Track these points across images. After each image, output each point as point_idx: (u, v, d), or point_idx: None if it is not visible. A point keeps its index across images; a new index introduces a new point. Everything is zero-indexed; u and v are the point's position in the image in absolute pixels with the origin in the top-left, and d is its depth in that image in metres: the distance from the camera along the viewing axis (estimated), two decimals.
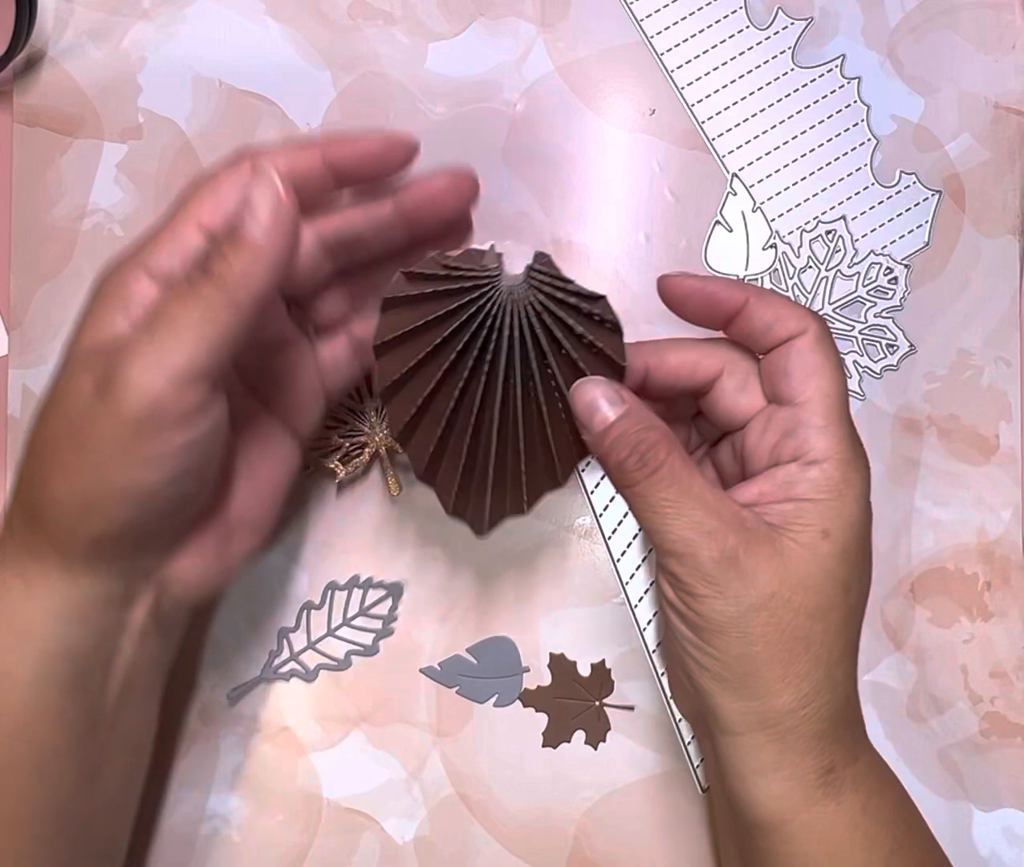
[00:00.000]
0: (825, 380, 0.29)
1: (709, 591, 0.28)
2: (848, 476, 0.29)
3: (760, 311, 0.30)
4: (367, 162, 0.31)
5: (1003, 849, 0.41)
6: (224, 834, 0.39)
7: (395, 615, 0.41)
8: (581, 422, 0.30)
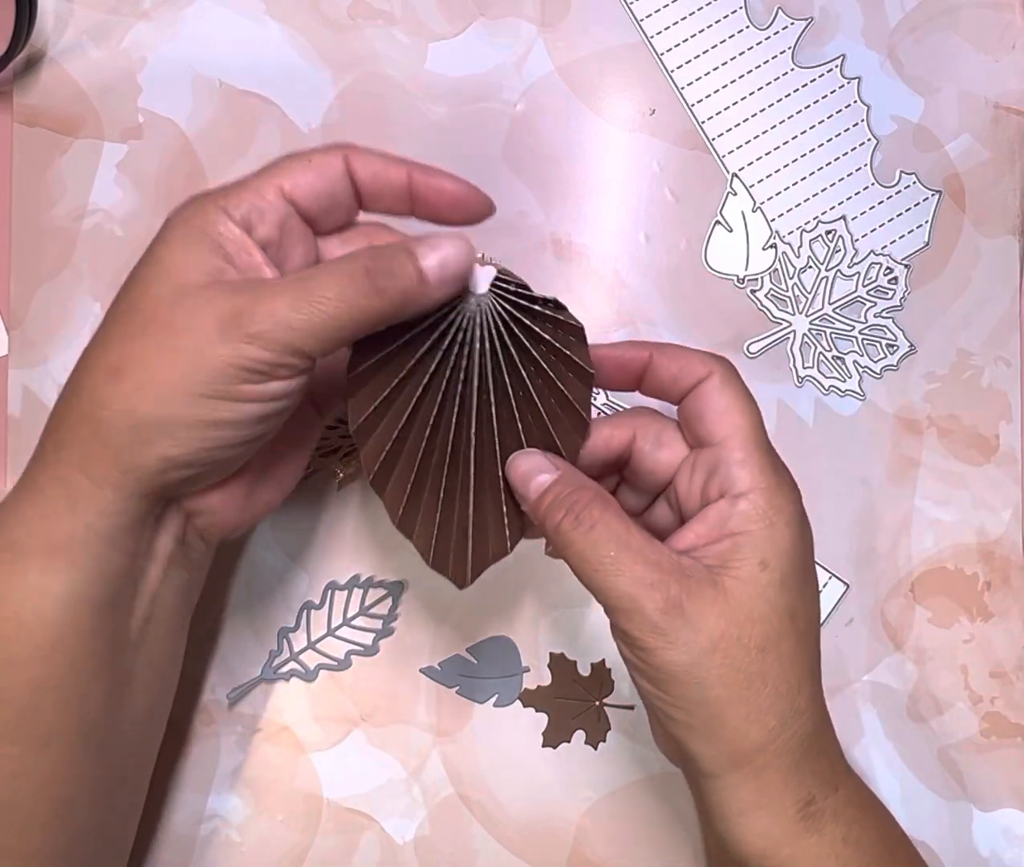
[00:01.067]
0: (737, 415, 0.30)
1: (659, 642, 0.28)
2: (775, 502, 0.29)
3: (665, 364, 0.32)
4: (446, 201, 0.32)
5: (1003, 849, 0.41)
6: (224, 834, 0.39)
7: (395, 615, 0.41)
8: (519, 493, 0.31)
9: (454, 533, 0.32)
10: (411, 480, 0.32)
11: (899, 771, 0.41)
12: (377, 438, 0.31)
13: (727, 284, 0.43)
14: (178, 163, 0.42)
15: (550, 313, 0.30)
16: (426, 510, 0.32)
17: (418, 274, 0.28)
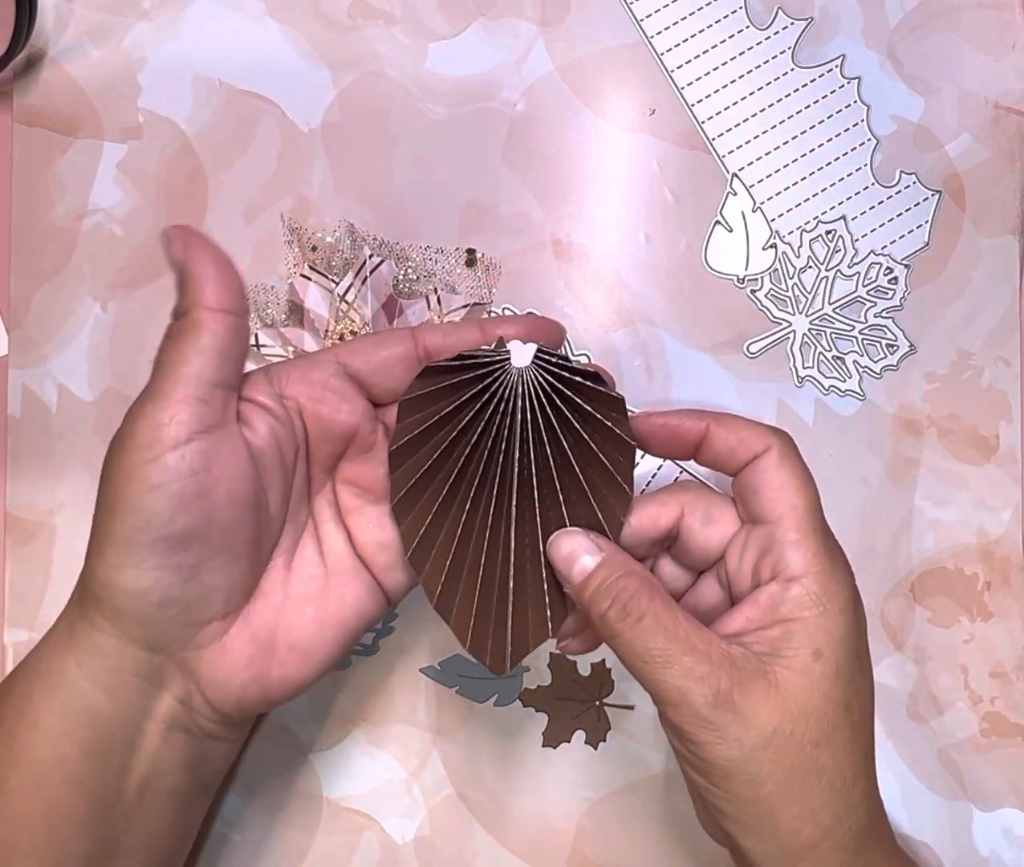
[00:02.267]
0: (793, 494, 0.29)
1: (709, 737, 0.27)
2: (829, 588, 0.28)
3: (723, 436, 0.31)
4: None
5: (1003, 849, 0.41)
6: (224, 834, 0.39)
7: (395, 615, 0.41)
8: (561, 576, 0.30)
9: (493, 617, 0.31)
10: (449, 558, 0.31)
11: (899, 771, 0.41)
12: (416, 515, 0.31)
13: (727, 284, 0.43)
14: (178, 163, 0.42)
15: (590, 385, 0.30)
16: (464, 592, 0.31)
17: None
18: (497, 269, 0.42)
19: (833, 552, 0.29)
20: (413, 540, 0.31)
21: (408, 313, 0.40)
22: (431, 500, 0.31)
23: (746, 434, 0.30)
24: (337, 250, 0.42)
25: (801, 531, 0.29)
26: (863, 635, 0.29)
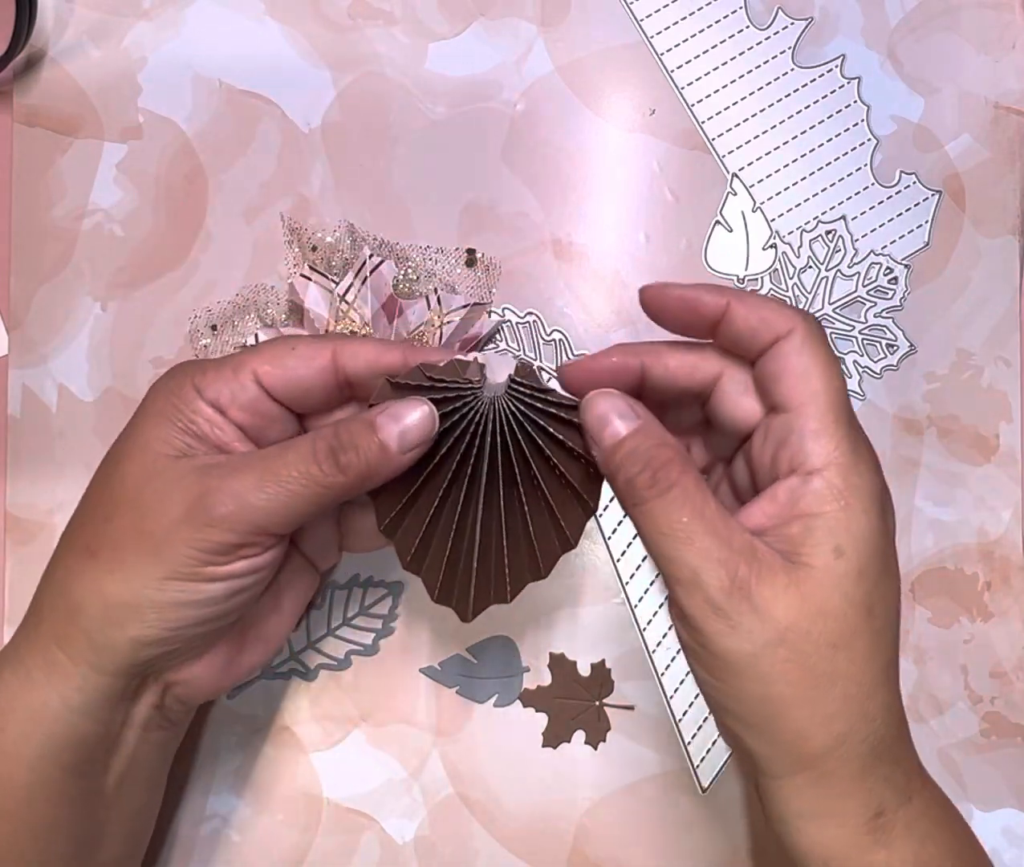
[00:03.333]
0: (816, 380, 0.27)
1: (720, 626, 0.25)
2: (852, 481, 0.26)
3: (743, 314, 0.28)
4: None
5: (1003, 849, 0.41)
6: (224, 834, 0.39)
7: (395, 614, 0.41)
8: (591, 435, 0.28)
9: (458, 578, 0.32)
10: (420, 533, 0.32)
11: None
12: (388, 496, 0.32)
13: (727, 284, 0.43)
14: (178, 163, 0.42)
15: (564, 417, 0.29)
16: (434, 555, 0.32)
17: (380, 447, 0.28)
18: (497, 269, 0.42)
19: (858, 443, 0.27)
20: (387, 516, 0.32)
21: (408, 313, 0.40)
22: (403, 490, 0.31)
23: (768, 314, 0.28)
24: (337, 250, 0.42)
25: (823, 421, 0.27)
26: (890, 535, 0.27)
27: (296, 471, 0.28)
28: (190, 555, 0.28)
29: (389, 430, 0.28)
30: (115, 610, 0.28)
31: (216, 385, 0.30)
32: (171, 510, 0.28)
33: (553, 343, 0.42)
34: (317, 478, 0.28)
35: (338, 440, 0.29)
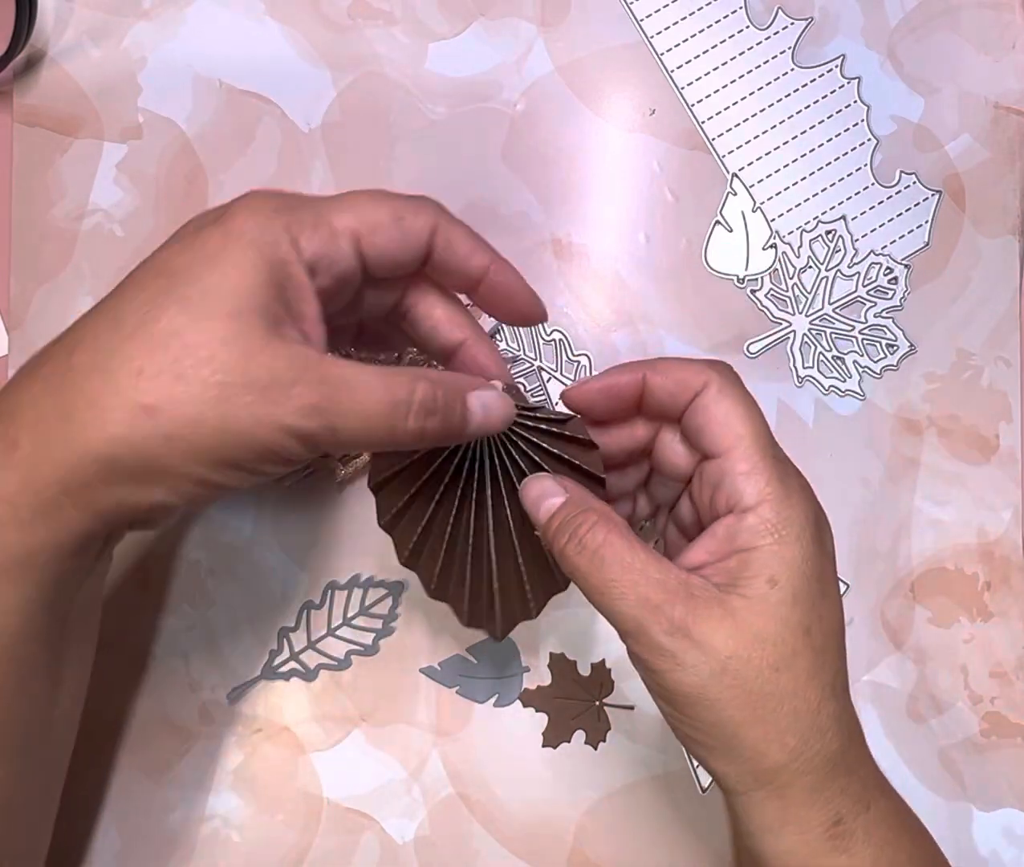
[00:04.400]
0: (738, 424, 0.29)
1: (667, 664, 0.27)
2: (783, 514, 0.28)
3: (659, 383, 0.31)
4: (514, 305, 0.32)
5: (1003, 849, 0.41)
6: (224, 834, 0.39)
7: (395, 615, 0.41)
8: (532, 518, 0.31)
9: (483, 602, 0.33)
10: (440, 560, 0.33)
11: (899, 771, 0.41)
12: (404, 529, 0.34)
13: (727, 284, 0.43)
14: (178, 163, 0.42)
15: (556, 430, 0.31)
16: (456, 583, 0.33)
17: (462, 416, 0.29)
18: None
19: (787, 476, 0.29)
20: (406, 550, 0.34)
21: None
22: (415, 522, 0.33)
23: (683, 374, 0.30)
24: None
25: (750, 460, 0.29)
26: (825, 559, 0.29)
27: (383, 407, 0.27)
28: (265, 453, 0.26)
29: (475, 408, 0.29)
30: (154, 475, 0.26)
31: (316, 244, 0.27)
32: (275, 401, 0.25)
33: (553, 343, 0.42)
34: (397, 425, 0.27)
35: (434, 401, 0.28)
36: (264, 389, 0.25)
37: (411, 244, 0.29)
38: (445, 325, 0.32)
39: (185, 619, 0.40)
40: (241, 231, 0.27)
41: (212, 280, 0.26)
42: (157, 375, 0.25)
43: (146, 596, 0.40)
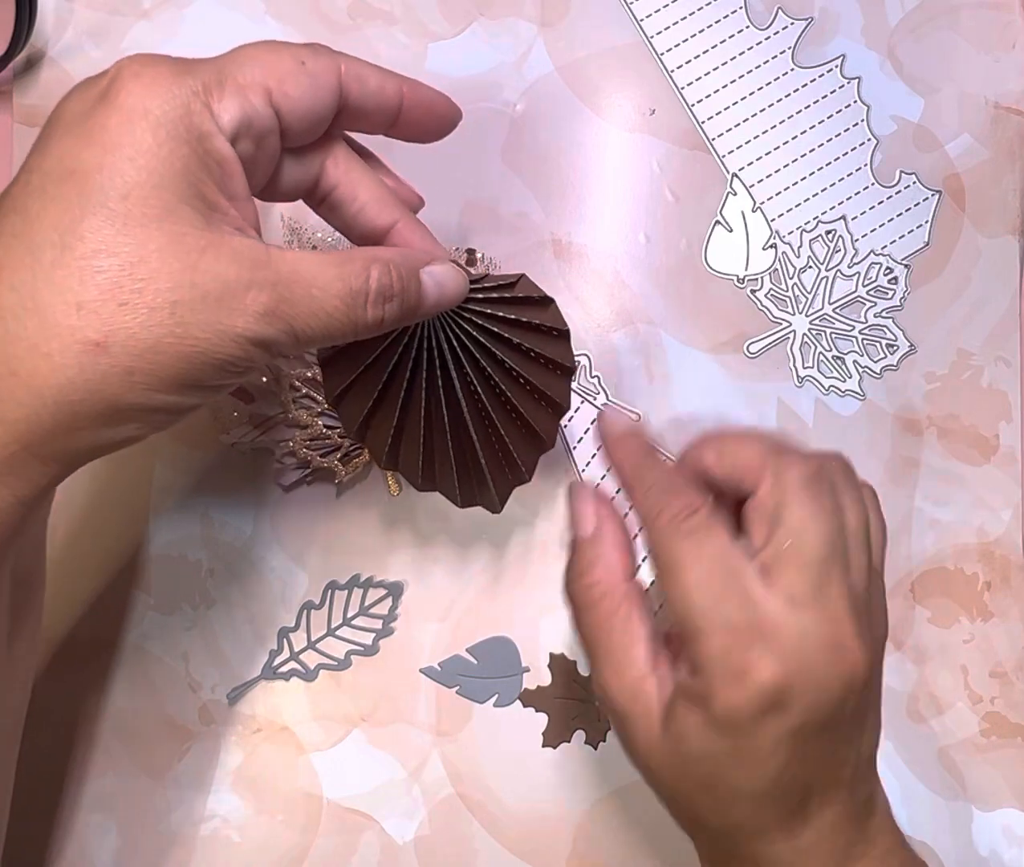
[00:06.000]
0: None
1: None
2: None
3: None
4: (433, 116, 0.31)
5: (1003, 849, 0.41)
6: (224, 834, 0.39)
7: (395, 615, 0.41)
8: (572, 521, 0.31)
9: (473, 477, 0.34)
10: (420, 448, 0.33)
11: (899, 771, 0.41)
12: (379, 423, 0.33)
13: (727, 284, 0.43)
14: None
15: (509, 295, 0.31)
16: (442, 466, 0.34)
17: (418, 294, 0.28)
18: (497, 269, 0.42)
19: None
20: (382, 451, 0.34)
21: None
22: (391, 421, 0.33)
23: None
24: (337, 250, 0.42)
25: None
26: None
27: (341, 302, 0.25)
28: (227, 361, 0.24)
29: (428, 280, 0.28)
30: (120, 413, 0.24)
31: (231, 108, 0.25)
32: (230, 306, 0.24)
33: None
34: (358, 318, 0.26)
35: (391, 285, 0.26)
36: (217, 301, 0.23)
37: (322, 89, 0.27)
38: (373, 207, 0.30)
39: (185, 619, 0.40)
40: (144, 108, 0.23)
41: (128, 177, 0.23)
42: (98, 306, 0.23)
43: (146, 596, 0.40)
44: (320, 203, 0.30)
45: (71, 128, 0.24)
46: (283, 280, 0.24)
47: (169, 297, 0.23)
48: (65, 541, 0.40)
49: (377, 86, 0.28)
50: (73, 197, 0.23)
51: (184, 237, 0.23)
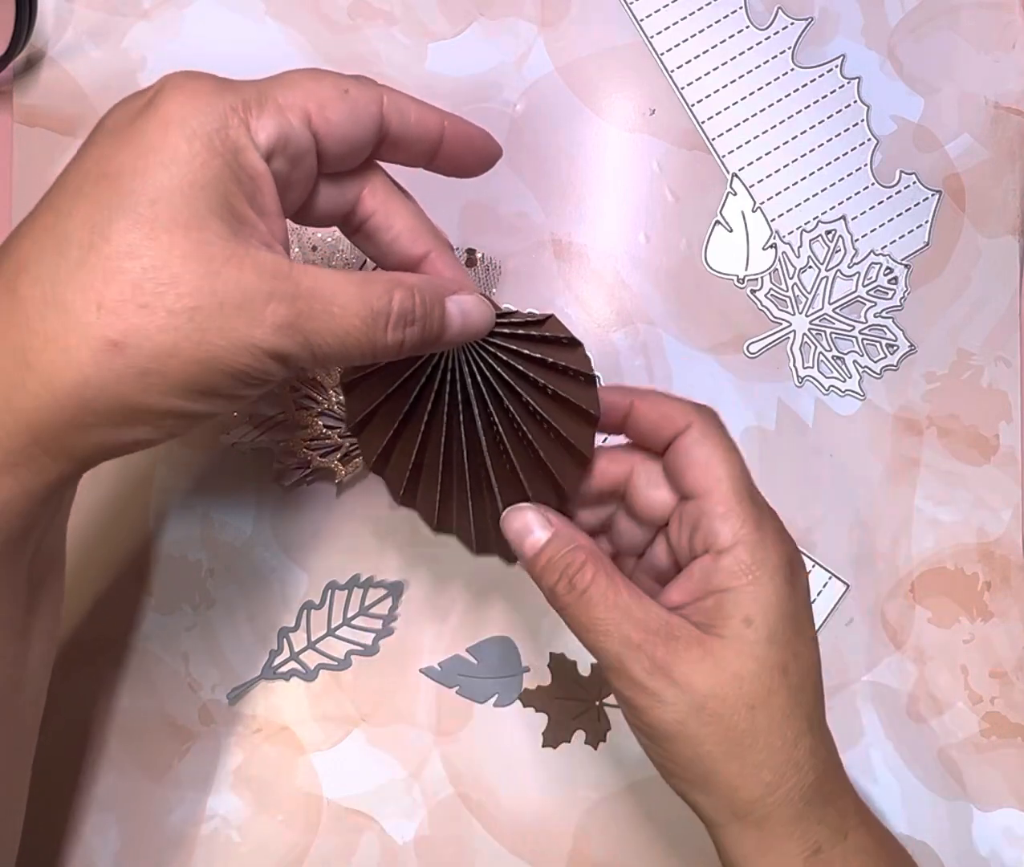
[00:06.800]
0: (717, 467, 0.30)
1: (648, 702, 0.28)
2: (758, 555, 0.29)
3: (644, 412, 0.31)
4: (473, 152, 0.31)
5: (1003, 849, 0.41)
6: (224, 834, 0.39)
7: (395, 615, 0.41)
8: (514, 549, 0.31)
9: (490, 525, 0.33)
10: (439, 490, 0.33)
11: (899, 771, 0.41)
12: (397, 458, 0.33)
13: (727, 284, 0.43)
14: None
15: (536, 332, 0.30)
16: (460, 509, 0.33)
17: (441, 327, 0.28)
18: (497, 269, 0.42)
19: (763, 519, 0.30)
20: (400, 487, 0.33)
21: None
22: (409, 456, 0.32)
23: (668, 410, 0.31)
24: (337, 250, 0.42)
25: (727, 503, 0.29)
26: (800, 599, 0.30)
27: (361, 321, 0.25)
28: (244, 371, 0.24)
29: (453, 308, 0.28)
30: (133, 414, 0.24)
31: (268, 126, 0.25)
32: (250, 316, 0.24)
33: None
34: (377, 339, 0.26)
35: (413, 309, 0.27)
36: (236, 309, 0.24)
37: (362, 118, 0.27)
38: (407, 236, 0.30)
39: (185, 619, 0.40)
40: (182, 118, 0.24)
41: (159, 182, 0.23)
42: (119, 306, 0.23)
43: (146, 596, 0.40)
44: (356, 231, 0.31)
45: (112, 133, 0.25)
46: (303, 295, 0.25)
47: (189, 303, 0.23)
48: (67, 541, 0.40)
49: (417, 119, 0.29)
50: (104, 198, 0.23)
51: (209, 246, 0.24)
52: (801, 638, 0.29)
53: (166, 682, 0.40)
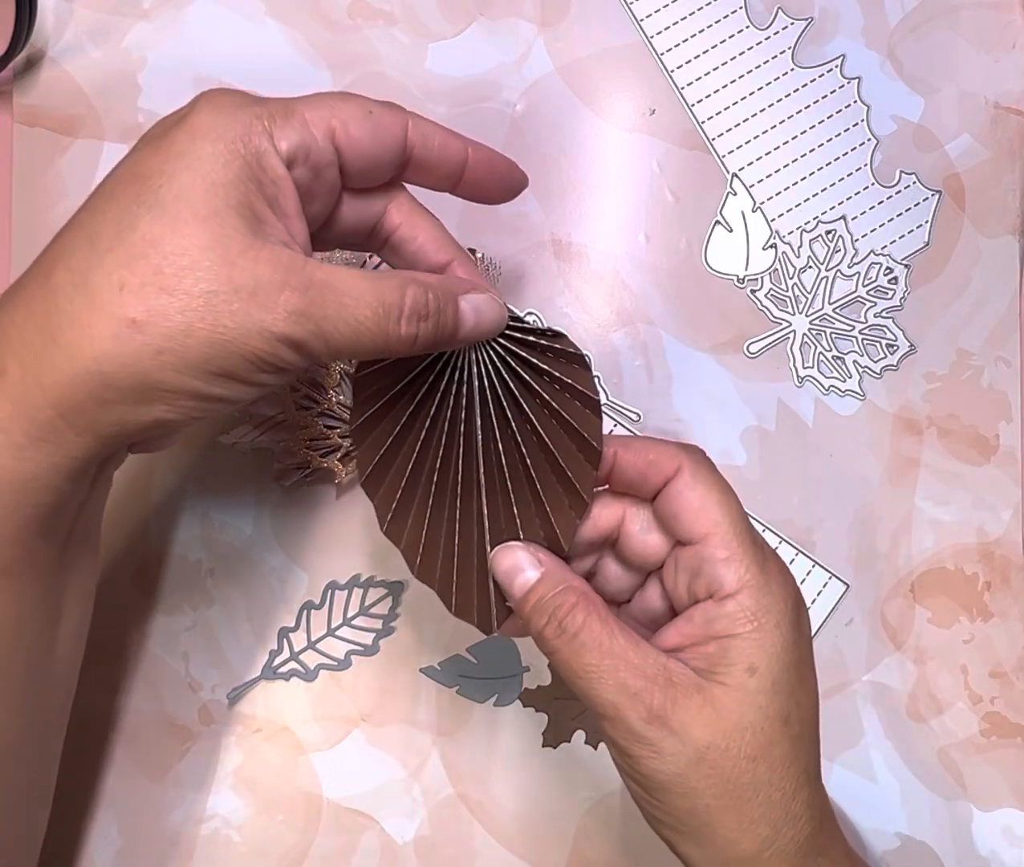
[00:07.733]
0: (714, 510, 0.29)
1: (644, 752, 0.27)
2: (763, 602, 0.28)
3: (631, 462, 0.30)
4: (496, 179, 0.32)
5: (1003, 849, 0.41)
6: (224, 834, 0.39)
7: (395, 615, 0.41)
8: (503, 589, 0.30)
9: (475, 578, 0.31)
10: (425, 524, 0.32)
11: (899, 771, 0.41)
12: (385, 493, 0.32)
13: (727, 284, 0.43)
14: None
15: (546, 343, 0.30)
16: (445, 555, 0.32)
17: (455, 324, 0.28)
18: (497, 269, 0.42)
19: (766, 562, 0.29)
20: (385, 518, 0.32)
21: None
22: (397, 479, 0.32)
23: (654, 456, 0.30)
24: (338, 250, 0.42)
25: (729, 547, 0.28)
26: (803, 643, 0.29)
27: (372, 312, 0.26)
28: (257, 355, 0.25)
29: (466, 306, 0.29)
30: (150, 392, 0.25)
31: (290, 135, 0.27)
32: (263, 304, 0.25)
33: None
34: (390, 331, 0.27)
35: (426, 304, 0.27)
36: (250, 295, 0.25)
37: (384, 138, 0.29)
38: (431, 246, 0.31)
39: (185, 619, 0.40)
40: (209, 126, 0.26)
41: (184, 181, 0.25)
42: (140, 288, 0.25)
43: (146, 596, 0.40)
44: (383, 245, 0.32)
45: (146, 143, 0.27)
46: (316, 285, 0.26)
47: (205, 287, 0.25)
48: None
49: (441, 144, 0.30)
50: (133, 197, 0.26)
51: (227, 239, 0.25)
52: (804, 687, 0.29)
53: (166, 682, 0.40)
